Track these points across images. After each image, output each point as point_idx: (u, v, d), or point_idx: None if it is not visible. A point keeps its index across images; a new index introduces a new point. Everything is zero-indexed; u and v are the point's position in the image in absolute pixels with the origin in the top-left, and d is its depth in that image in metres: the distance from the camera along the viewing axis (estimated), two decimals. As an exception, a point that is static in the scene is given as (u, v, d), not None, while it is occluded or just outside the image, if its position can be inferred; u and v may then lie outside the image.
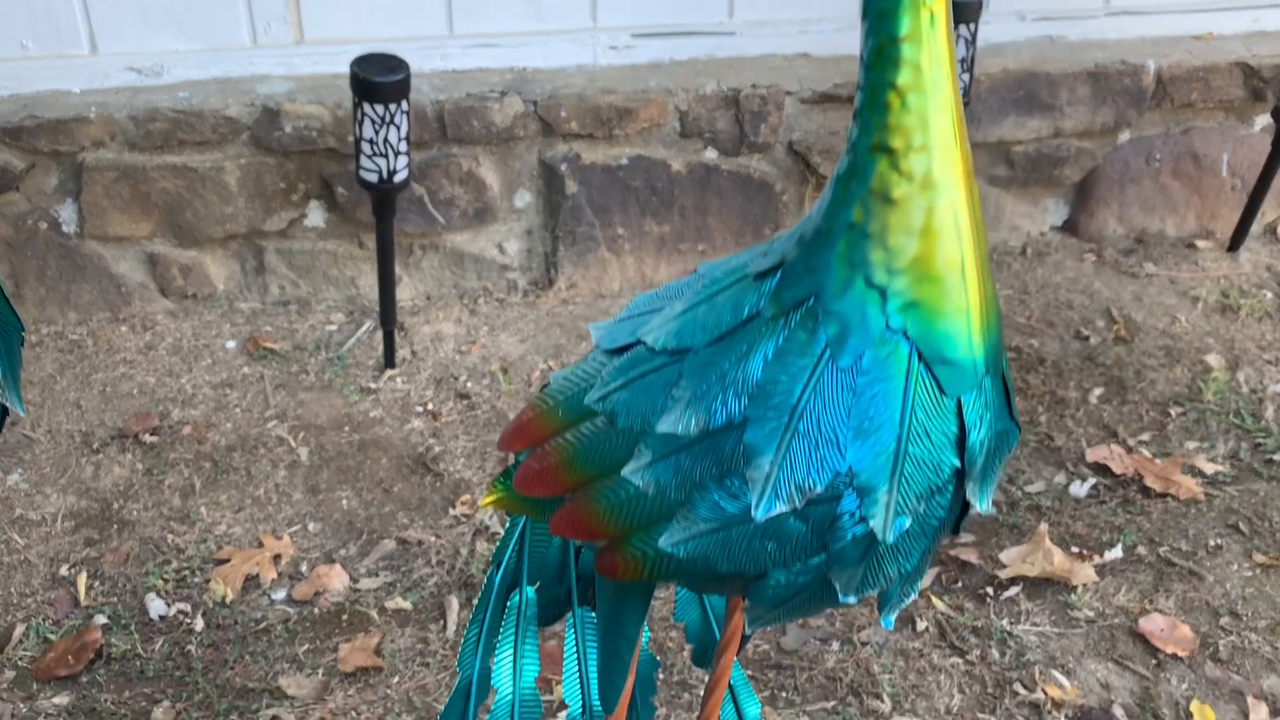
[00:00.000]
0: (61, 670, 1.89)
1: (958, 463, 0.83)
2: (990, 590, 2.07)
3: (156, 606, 2.02)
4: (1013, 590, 2.06)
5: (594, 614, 1.15)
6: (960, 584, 2.09)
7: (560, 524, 0.90)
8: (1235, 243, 3.05)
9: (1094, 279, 2.96)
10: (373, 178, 2.25)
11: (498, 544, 1.11)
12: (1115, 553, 2.14)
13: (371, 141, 2.20)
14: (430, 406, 2.49)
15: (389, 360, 2.57)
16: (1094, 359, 2.68)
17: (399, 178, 2.26)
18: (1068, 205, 3.09)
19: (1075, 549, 2.15)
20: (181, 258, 2.65)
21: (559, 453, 0.90)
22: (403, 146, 2.24)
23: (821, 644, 1.97)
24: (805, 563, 0.83)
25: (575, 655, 1.14)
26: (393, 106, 2.17)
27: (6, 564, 2.10)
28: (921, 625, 1.99)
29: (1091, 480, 2.33)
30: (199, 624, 1.99)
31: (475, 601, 1.16)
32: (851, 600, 0.84)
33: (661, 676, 1.90)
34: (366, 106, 2.17)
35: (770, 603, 0.85)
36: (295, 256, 2.71)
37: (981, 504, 0.85)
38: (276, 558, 2.13)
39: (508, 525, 1.11)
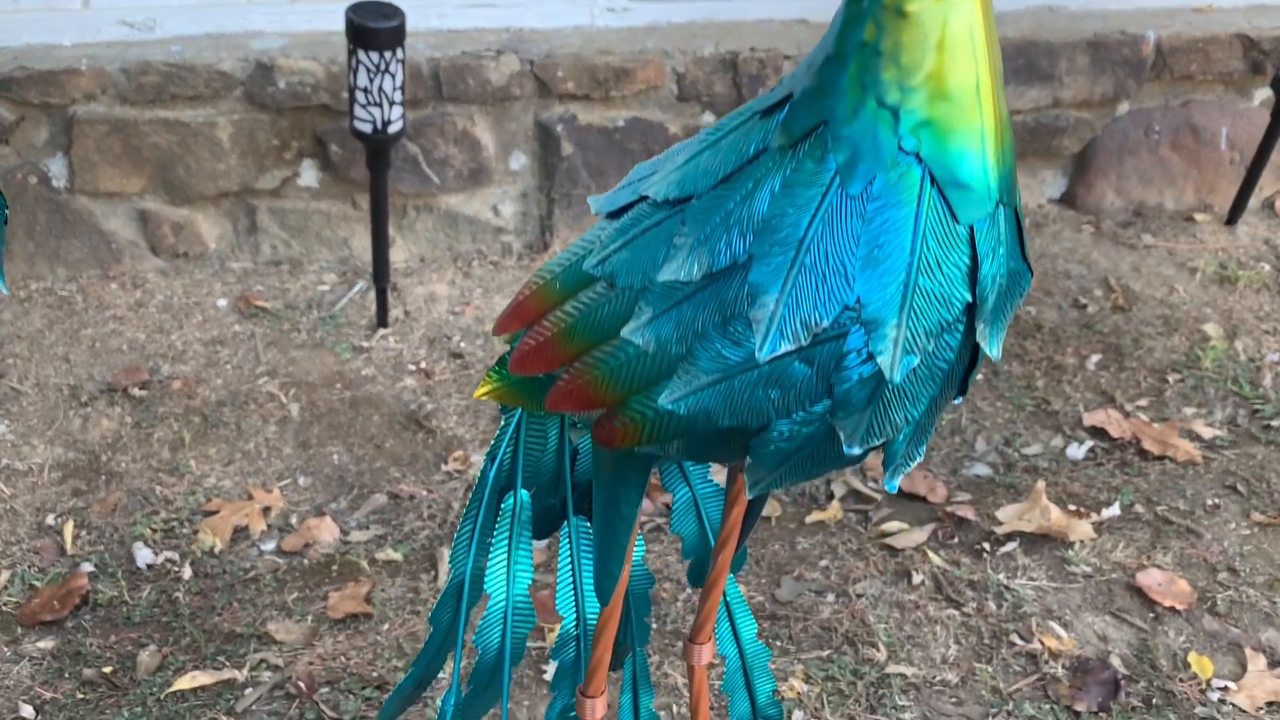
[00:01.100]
0: (47, 615, 1.87)
1: (969, 297, 0.81)
2: (987, 546, 2.05)
3: (144, 555, 1.99)
4: (1009, 546, 2.05)
5: (589, 524, 1.13)
6: (956, 540, 2.07)
7: (557, 398, 0.88)
8: (1233, 216, 3.04)
9: (1092, 249, 2.95)
10: (367, 128, 2.23)
11: (493, 440, 1.08)
12: (1113, 510, 2.13)
13: (366, 90, 2.18)
14: (423, 365, 2.47)
15: (382, 319, 2.55)
16: (1091, 327, 2.67)
17: (393, 128, 2.24)
18: (1065, 177, 3.08)
19: (1073, 507, 2.14)
20: (173, 215, 2.63)
21: (556, 325, 0.88)
22: (397, 96, 2.22)
23: (816, 596, 1.95)
24: (809, 410, 0.81)
25: (570, 566, 1.12)
26: (387, 54, 2.15)
27: (-8, 512, 2.07)
28: (917, 579, 1.97)
29: (1089, 443, 2.31)
30: (187, 572, 1.96)
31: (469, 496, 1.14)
32: (856, 451, 0.81)
33: (655, 625, 1.88)
34: (361, 54, 2.15)
35: (772, 460, 0.83)
36: (288, 216, 2.68)
37: (992, 348, 0.83)
38: (266, 510, 2.10)
39: (502, 421, 1.09)
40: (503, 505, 1.08)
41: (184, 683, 1.75)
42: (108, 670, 1.77)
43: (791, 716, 1.72)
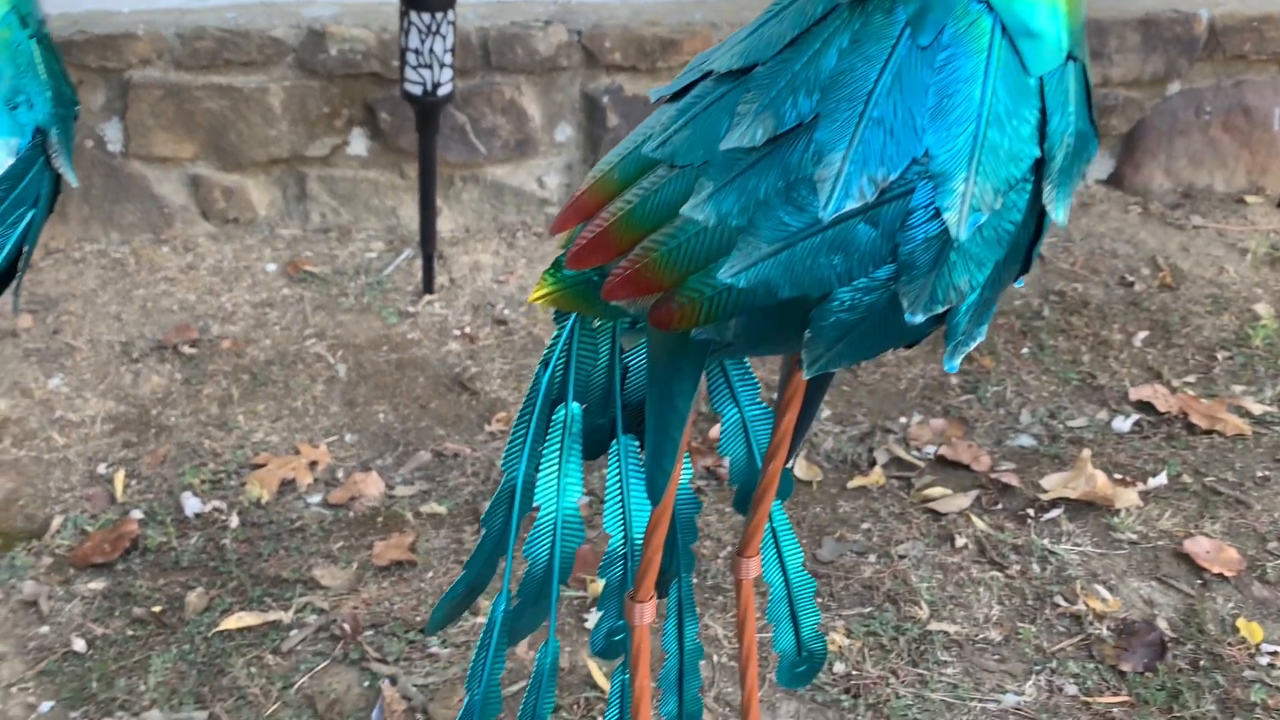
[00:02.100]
0: (98, 558, 1.90)
1: (1038, 153, 0.80)
2: (1031, 512, 2.04)
3: (192, 504, 2.02)
4: (1054, 512, 2.03)
5: (638, 443, 1.14)
6: (1000, 506, 2.06)
7: (614, 285, 0.88)
8: (1285, 198, 3.00)
9: (1139, 229, 2.92)
10: (417, 90, 2.26)
11: (546, 348, 1.09)
12: (1160, 480, 2.11)
13: (417, 52, 2.20)
14: (467, 330, 2.49)
15: (428, 286, 2.57)
16: (1139, 304, 2.65)
17: (443, 91, 2.26)
18: (1113, 158, 3.05)
19: (1119, 476, 2.12)
20: (224, 181, 2.67)
21: (614, 214, 0.89)
22: (447, 59, 2.24)
23: (858, 556, 1.94)
24: (872, 276, 0.81)
25: (618, 485, 1.13)
26: (439, 15, 2.17)
27: (46, 461, 2.11)
28: (960, 542, 1.96)
29: (1135, 417, 2.29)
30: (234, 521, 1.99)
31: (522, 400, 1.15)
32: (918, 319, 0.81)
33: (695, 580, 1.88)
34: (413, 15, 2.17)
35: (832, 334, 0.82)
36: (337, 184, 2.72)
37: (1058, 212, 0.82)
38: (313, 464, 2.12)
39: (555, 331, 1.10)
40: (554, 417, 1.09)
41: (231, 623, 1.77)
42: (157, 610, 1.80)
43: (833, 668, 1.71)
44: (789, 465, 1.09)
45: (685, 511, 1.19)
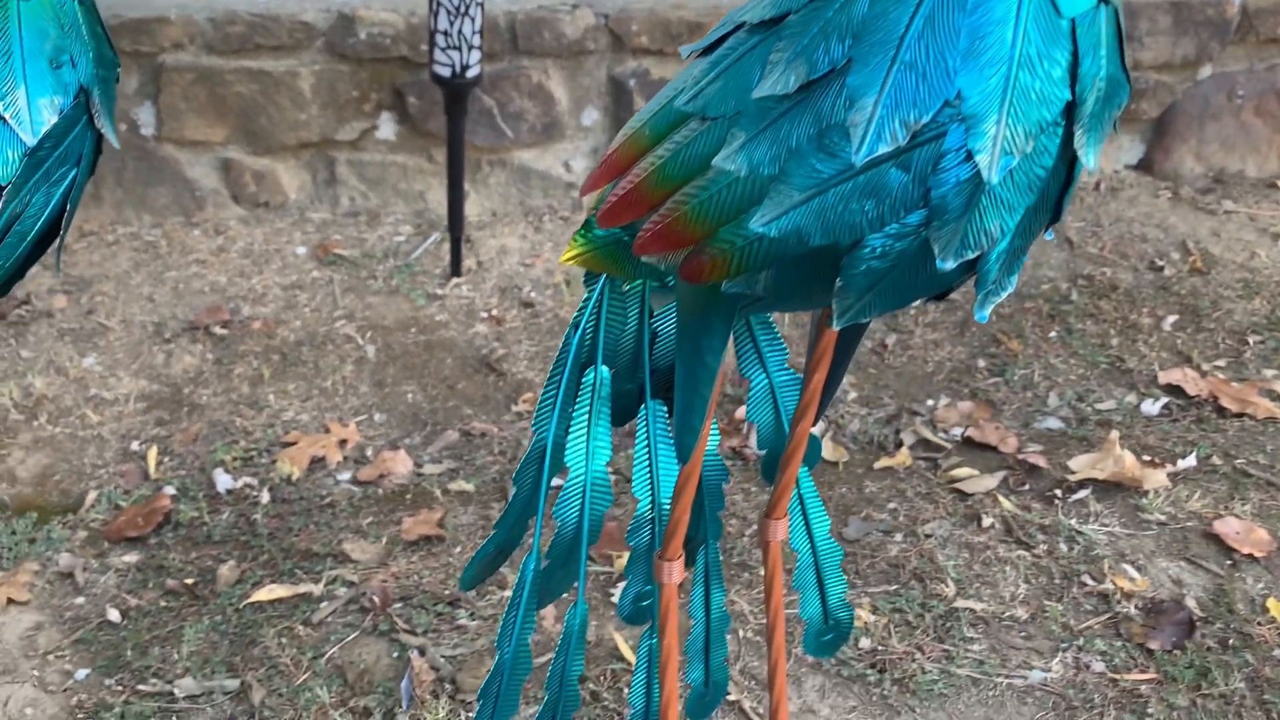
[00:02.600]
0: (131, 532, 1.93)
1: (1069, 96, 0.81)
2: (1059, 493, 2.03)
3: (224, 481, 2.04)
4: (1082, 493, 2.03)
5: (666, 408, 1.15)
6: (1028, 486, 2.05)
7: (645, 241, 0.89)
8: (1318, 183, 2.97)
9: (1169, 214, 2.90)
10: (446, 71, 2.27)
11: (575, 311, 1.10)
12: (1189, 462, 2.10)
13: (446, 34, 2.22)
14: (494, 313, 2.51)
15: (455, 269, 2.59)
16: (1168, 289, 2.63)
17: (471, 73, 2.28)
18: (1143, 143, 3.03)
19: (1147, 458, 2.11)
20: (254, 165, 2.69)
21: (646, 170, 0.89)
22: (476, 40, 2.25)
23: (884, 535, 1.94)
24: (903, 222, 0.81)
25: (646, 450, 1.14)
26: (468, -3, 2.19)
27: (80, 437, 2.14)
28: (987, 522, 1.96)
29: (1164, 400, 2.28)
30: (265, 497, 2.01)
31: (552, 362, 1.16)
32: (949, 265, 0.81)
33: (721, 558, 1.89)
34: (442, -3, 2.19)
35: (863, 282, 0.83)
36: (366, 168, 2.74)
37: (1089, 157, 0.82)
38: (342, 443, 2.15)
39: (585, 294, 1.11)
40: (583, 380, 1.10)
41: (262, 595, 1.79)
42: (189, 582, 1.83)
43: (858, 643, 1.72)
44: (815, 428, 1.09)
45: (713, 478, 1.20)
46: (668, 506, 1.14)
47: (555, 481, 1.33)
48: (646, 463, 1.14)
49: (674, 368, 1.02)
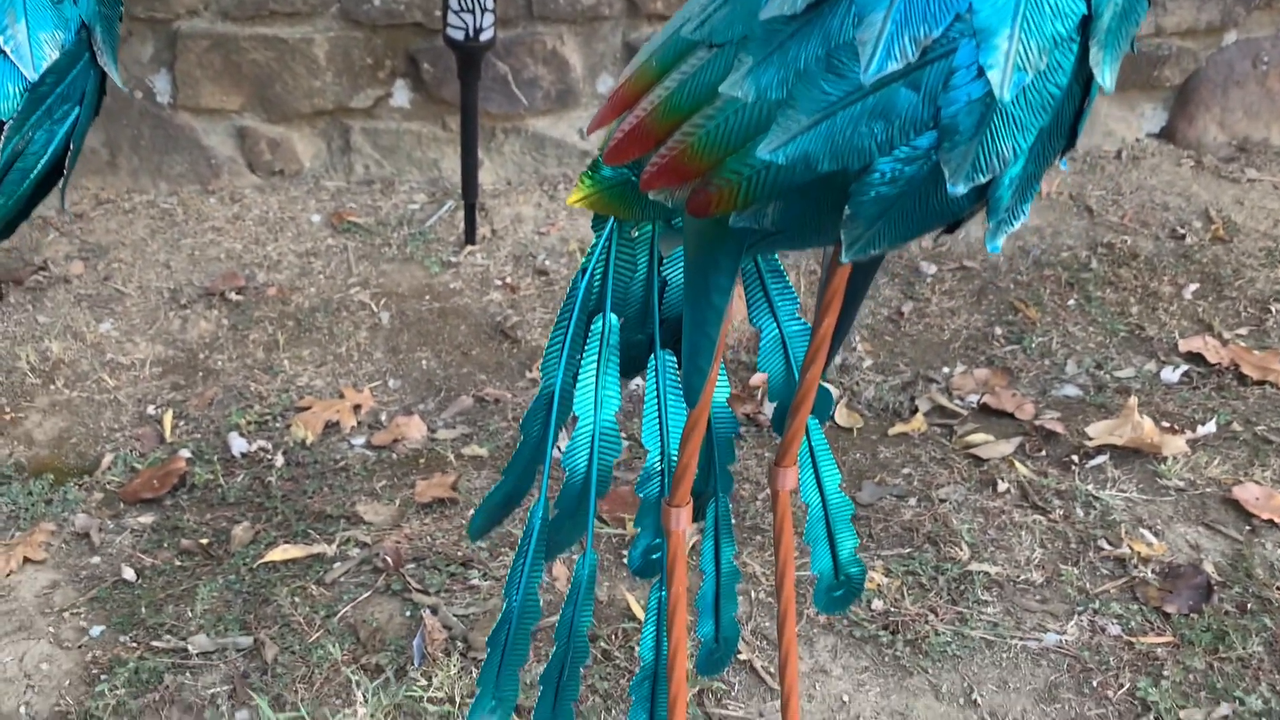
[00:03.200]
0: (147, 494, 1.93)
1: (1085, 9, 0.79)
2: (1075, 458, 2.01)
3: (238, 444, 2.05)
4: (1099, 459, 2.01)
5: (675, 358, 1.14)
6: (1044, 452, 2.03)
7: (652, 175, 0.88)
8: (1344, 151, 2.92)
9: (1192, 182, 2.87)
10: (459, 35, 2.26)
11: (585, 255, 1.09)
12: (1208, 429, 2.07)
13: (460, -3, 2.20)
14: (509, 280, 2.50)
15: (470, 236, 2.59)
16: (1189, 257, 2.60)
17: (485, 36, 2.27)
18: (1166, 111, 2.99)
19: (1166, 424, 2.09)
20: (269, 133, 2.69)
21: (654, 103, 0.88)
22: (489, 3, 2.24)
23: (898, 500, 1.93)
24: (913, 145, 0.80)
25: (655, 400, 1.13)
26: (482, -41, 2.17)
27: (97, 401, 2.15)
28: (1003, 487, 1.95)
29: (1184, 367, 2.25)
30: (279, 460, 2.02)
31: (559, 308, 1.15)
32: (960, 190, 0.80)
33: (733, 521, 1.88)
34: (456, -41, 2.17)
35: (872, 210, 0.81)
36: (380, 136, 2.73)
37: (1105, 76, 0.81)
38: (357, 408, 2.15)
39: (594, 239, 1.10)
40: (591, 327, 1.09)
41: (276, 555, 1.80)
42: (204, 542, 1.84)
43: (871, 605, 1.71)
44: (825, 375, 1.08)
45: (723, 430, 1.19)
46: (676, 454, 1.13)
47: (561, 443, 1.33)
48: (656, 413, 1.13)
49: (683, 309, 1.01)
